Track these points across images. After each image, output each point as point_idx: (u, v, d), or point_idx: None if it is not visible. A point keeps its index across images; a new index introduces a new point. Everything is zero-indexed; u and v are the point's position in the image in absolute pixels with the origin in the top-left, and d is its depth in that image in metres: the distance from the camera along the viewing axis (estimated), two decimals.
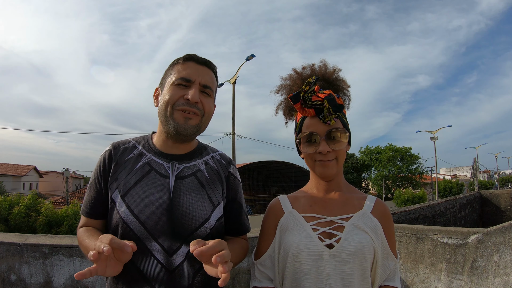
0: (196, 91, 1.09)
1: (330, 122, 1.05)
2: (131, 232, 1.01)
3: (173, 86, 1.09)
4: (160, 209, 1.03)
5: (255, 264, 1.12)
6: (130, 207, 1.02)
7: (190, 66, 1.11)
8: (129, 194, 1.04)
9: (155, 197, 1.04)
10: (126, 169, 1.09)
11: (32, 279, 2.27)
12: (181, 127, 1.07)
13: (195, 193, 1.08)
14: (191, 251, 0.88)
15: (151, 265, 1.00)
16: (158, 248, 1.01)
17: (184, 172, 1.11)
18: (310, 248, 1.01)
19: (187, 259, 1.03)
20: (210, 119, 1.18)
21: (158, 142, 1.16)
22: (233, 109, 15.83)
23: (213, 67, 1.17)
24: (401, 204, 25.64)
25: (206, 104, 1.12)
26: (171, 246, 1.02)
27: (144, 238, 1.01)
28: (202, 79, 1.11)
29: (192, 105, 1.08)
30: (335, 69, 1.18)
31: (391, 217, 1.12)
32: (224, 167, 1.20)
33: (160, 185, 1.06)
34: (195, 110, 1.09)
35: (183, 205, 1.05)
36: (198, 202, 1.07)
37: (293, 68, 1.20)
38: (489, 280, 2.38)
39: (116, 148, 1.14)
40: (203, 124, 1.14)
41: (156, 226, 1.01)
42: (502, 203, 14.96)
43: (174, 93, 1.08)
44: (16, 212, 9.12)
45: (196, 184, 1.10)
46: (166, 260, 1.01)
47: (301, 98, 1.07)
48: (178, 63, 1.13)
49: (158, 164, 1.10)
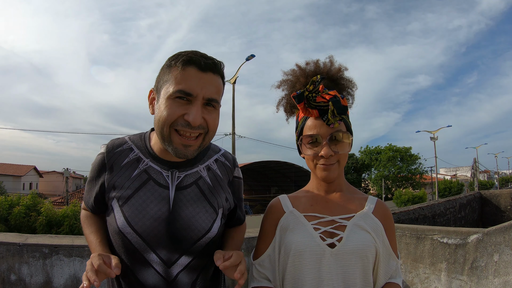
0: (198, 110, 0.94)
1: (334, 125, 1.02)
2: (129, 243, 0.98)
3: (171, 100, 0.93)
4: (159, 222, 0.99)
5: (254, 265, 1.12)
6: (127, 218, 0.98)
7: (191, 75, 0.93)
8: (127, 204, 0.99)
9: (154, 209, 0.99)
10: (123, 176, 1.02)
11: (32, 279, 2.27)
12: (180, 153, 0.97)
13: (196, 204, 1.03)
14: (217, 265, 0.94)
15: (150, 275, 0.98)
16: (157, 259, 0.98)
17: (185, 181, 1.05)
18: (311, 248, 1.00)
19: (187, 269, 1.01)
20: (215, 134, 1.04)
21: (156, 147, 1.06)
22: (233, 109, 15.85)
23: (219, 69, 0.98)
24: (401, 204, 25.63)
25: (211, 120, 0.97)
26: (170, 257, 0.99)
27: (142, 249, 0.98)
28: (206, 92, 0.94)
29: (193, 127, 0.94)
30: (340, 67, 1.12)
31: (392, 217, 1.11)
32: (229, 170, 1.15)
33: (158, 197, 1.01)
34: (198, 131, 0.96)
35: (184, 217, 1.00)
36: (199, 214, 1.03)
37: (296, 63, 1.15)
38: (489, 280, 2.38)
39: (110, 151, 1.05)
40: (207, 141, 1.02)
41: (155, 238, 0.98)
42: (502, 203, 14.95)
43: (172, 111, 0.93)
44: (16, 212, 9.12)
45: (197, 194, 1.05)
46: (164, 271, 0.99)
47: (305, 98, 1.02)
48: (176, 66, 0.94)
49: (157, 172, 1.03)
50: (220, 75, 0.99)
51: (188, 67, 0.93)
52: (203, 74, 0.94)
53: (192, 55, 0.94)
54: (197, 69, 0.93)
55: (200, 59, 0.94)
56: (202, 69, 0.94)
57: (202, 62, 0.93)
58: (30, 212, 9.37)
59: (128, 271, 0.99)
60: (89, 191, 1.10)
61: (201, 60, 0.94)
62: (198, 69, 0.93)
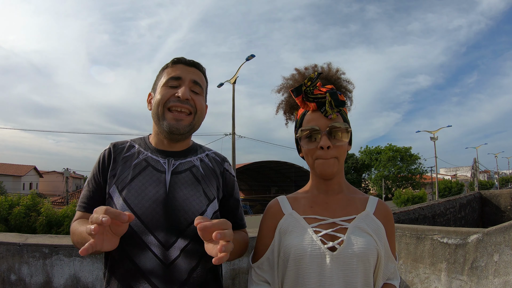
0: (187, 88, 1.12)
1: (331, 116, 1.02)
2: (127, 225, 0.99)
3: (164, 87, 1.13)
4: (157, 203, 1.05)
5: (253, 267, 1.10)
6: (127, 201, 1.04)
7: (179, 68, 1.15)
8: (126, 188, 1.06)
9: (152, 191, 1.06)
10: (124, 165, 1.12)
11: (32, 279, 2.27)
12: (173, 127, 1.10)
13: (190, 188, 1.11)
14: (195, 224, 0.87)
15: (148, 258, 1.01)
16: (155, 241, 1.02)
17: (179, 167, 1.14)
18: (312, 251, 0.97)
19: (184, 254, 1.04)
20: (203, 117, 1.21)
21: (154, 141, 1.19)
22: (233, 109, 15.83)
23: (201, 68, 1.20)
24: (401, 204, 25.62)
25: (198, 101, 1.15)
26: (168, 239, 1.02)
27: (140, 231, 1.02)
28: (192, 76, 1.15)
29: (183, 101, 1.11)
30: (338, 70, 1.16)
31: (393, 218, 1.10)
32: (219, 163, 1.24)
33: (156, 180, 1.09)
34: (187, 106, 1.12)
35: (179, 198, 1.07)
36: (193, 196, 1.10)
37: (296, 68, 1.18)
38: (489, 280, 2.38)
39: (115, 146, 1.18)
40: (196, 122, 1.17)
41: (153, 220, 1.03)
42: (502, 203, 14.96)
43: (165, 92, 1.12)
44: (16, 212, 9.11)
45: (191, 178, 1.13)
46: (162, 254, 1.01)
47: (303, 92, 1.04)
48: (167, 67, 1.17)
49: (155, 160, 1.14)
50: (202, 72, 1.21)
51: (177, 64, 1.17)
52: (189, 67, 1.17)
53: (180, 57, 1.19)
54: (184, 65, 1.17)
55: (186, 59, 1.18)
56: (188, 64, 1.18)
57: (187, 60, 1.18)
58: (30, 212, 9.37)
59: (125, 257, 1.01)
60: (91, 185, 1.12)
61: (187, 59, 1.18)
62: (185, 64, 1.17)
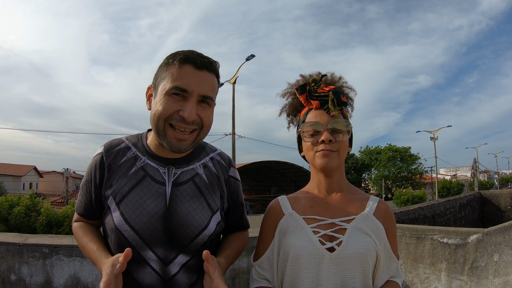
0: (193, 106, 0.97)
1: (333, 113, 1.06)
2: (125, 240, 0.97)
3: (167, 96, 0.97)
4: (156, 218, 0.98)
5: (254, 266, 1.12)
6: (124, 215, 0.98)
7: (187, 72, 0.97)
8: (124, 202, 0.99)
9: (150, 205, 0.99)
10: (120, 174, 1.03)
11: (32, 279, 2.27)
12: (174, 146, 0.99)
13: (193, 200, 1.03)
14: (203, 258, 0.92)
15: (146, 274, 0.97)
16: (153, 257, 0.98)
17: (181, 177, 1.06)
18: (310, 252, 0.99)
19: (184, 269, 1.00)
20: (209, 130, 1.07)
21: (152, 144, 1.08)
22: (233, 109, 15.83)
23: (214, 68, 1.02)
24: (401, 204, 25.62)
25: (205, 117, 1.01)
26: (167, 255, 0.99)
27: (138, 247, 0.97)
28: (201, 89, 0.97)
29: (188, 123, 0.98)
30: (341, 78, 1.19)
31: (394, 218, 1.10)
32: (224, 169, 1.16)
33: (155, 193, 1.01)
34: (192, 127, 0.99)
35: (181, 213, 1.00)
36: (196, 210, 1.03)
37: (301, 74, 1.21)
38: (489, 280, 2.38)
39: (108, 151, 1.07)
40: (202, 137, 1.05)
41: (151, 235, 0.98)
42: (502, 203, 14.95)
43: (168, 106, 0.96)
44: (16, 212, 9.10)
45: (194, 190, 1.05)
46: (161, 269, 0.98)
47: (307, 90, 1.10)
48: (173, 64, 0.98)
49: (153, 168, 1.04)
50: (215, 73, 1.03)
51: (184, 65, 0.97)
52: (199, 72, 0.98)
53: (189, 54, 0.98)
54: (193, 67, 0.97)
55: (197, 58, 0.98)
56: (198, 67, 0.98)
57: (198, 61, 0.98)
58: (30, 212, 9.36)
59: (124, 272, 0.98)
60: (85, 193, 1.08)
61: (197, 59, 0.98)
62: (194, 67, 0.97)
